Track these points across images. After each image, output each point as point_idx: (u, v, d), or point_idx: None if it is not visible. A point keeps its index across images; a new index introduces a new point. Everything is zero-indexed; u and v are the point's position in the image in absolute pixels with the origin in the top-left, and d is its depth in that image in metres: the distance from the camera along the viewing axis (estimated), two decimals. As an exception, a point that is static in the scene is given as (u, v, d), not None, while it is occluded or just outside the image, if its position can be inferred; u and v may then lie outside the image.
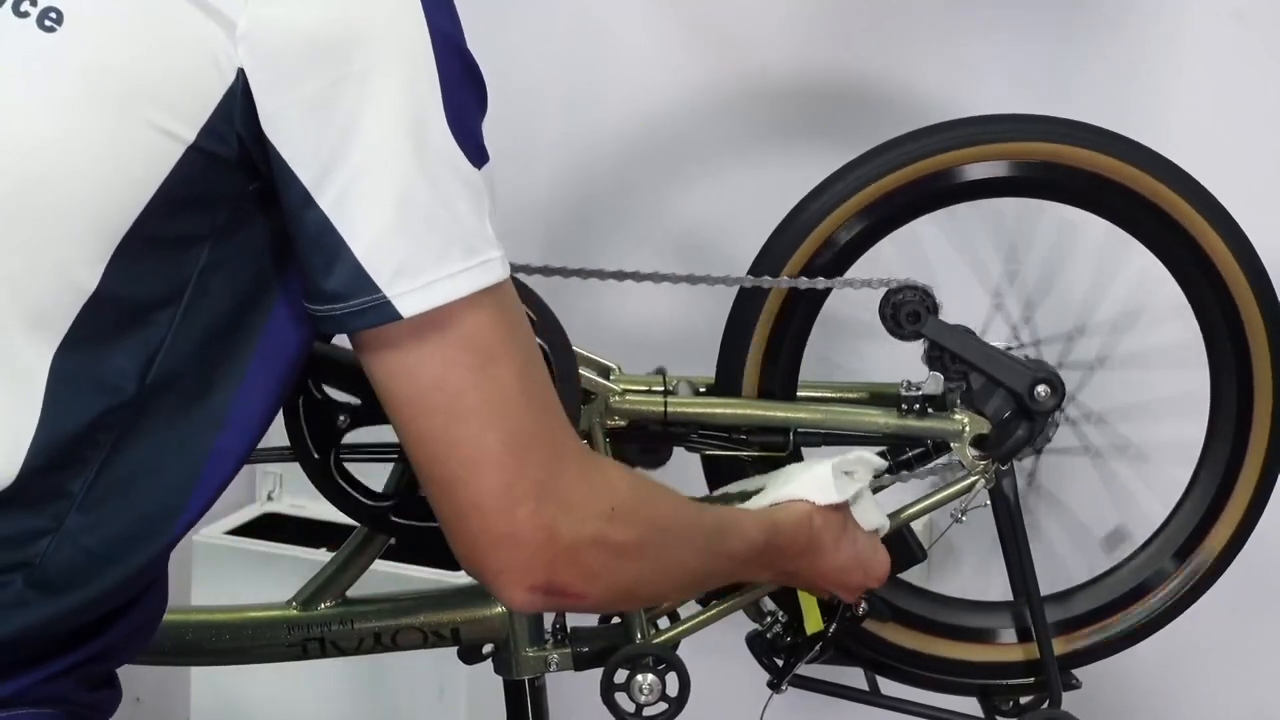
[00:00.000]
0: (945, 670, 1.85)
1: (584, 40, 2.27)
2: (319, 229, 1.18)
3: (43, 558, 1.21)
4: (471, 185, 1.21)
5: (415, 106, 1.18)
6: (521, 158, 2.28)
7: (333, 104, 1.17)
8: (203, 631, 1.71)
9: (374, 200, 1.18)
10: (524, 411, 1.24)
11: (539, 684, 1.77)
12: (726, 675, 1.87)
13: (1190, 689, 2.37)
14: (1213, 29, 2.19)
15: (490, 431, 1.23)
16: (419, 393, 1.22)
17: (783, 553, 1.53)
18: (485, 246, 1.21)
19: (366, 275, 1.19)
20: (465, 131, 1.21)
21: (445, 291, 1.19)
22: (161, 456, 1.24)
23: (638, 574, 1.35)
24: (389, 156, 1.18)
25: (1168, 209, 1.76)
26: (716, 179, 2.28)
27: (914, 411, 1.75)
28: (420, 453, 1.25)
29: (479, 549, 1.27)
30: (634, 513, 1.33)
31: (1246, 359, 1.80)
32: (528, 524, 1.25)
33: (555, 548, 1.26)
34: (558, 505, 1.26)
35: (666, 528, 1.38)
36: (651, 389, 1.74)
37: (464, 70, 1.22)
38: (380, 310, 1.19)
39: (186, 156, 1.18)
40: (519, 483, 1.24)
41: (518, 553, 1.26)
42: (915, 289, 1.76)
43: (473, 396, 1.22)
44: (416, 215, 1.18)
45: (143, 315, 1.20)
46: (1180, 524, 1.86)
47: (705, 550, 1.44)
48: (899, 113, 2.13)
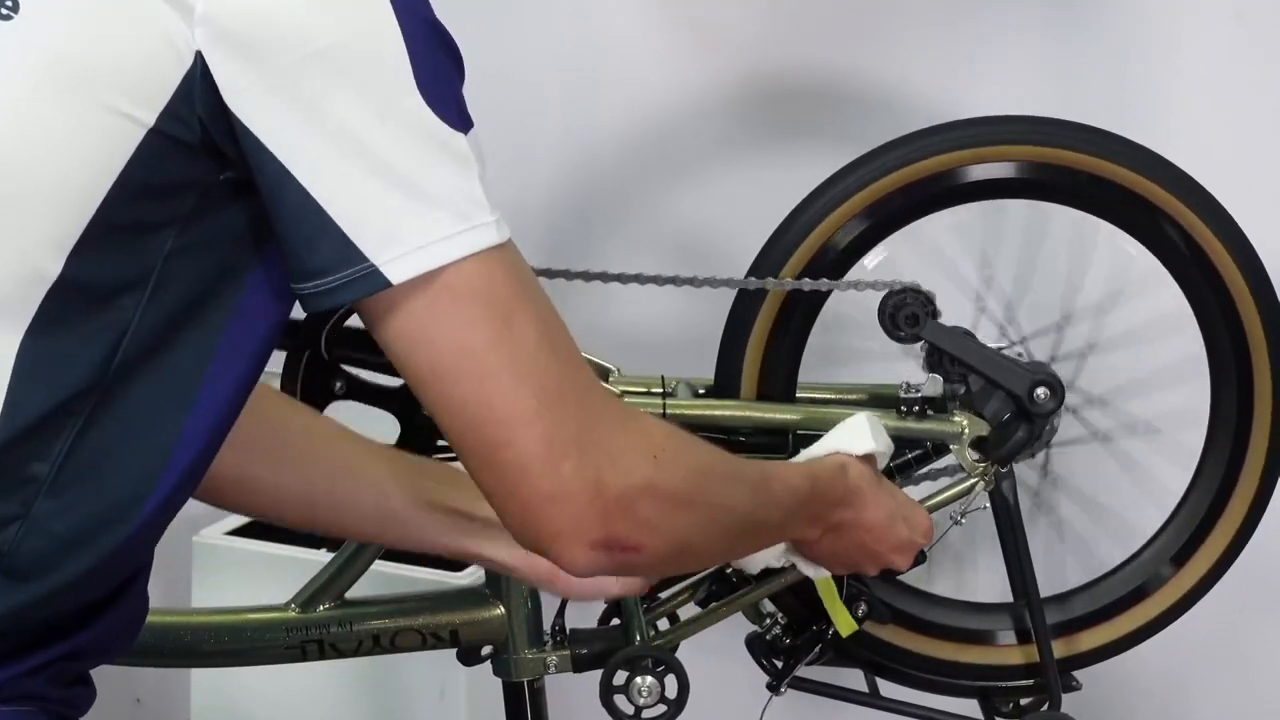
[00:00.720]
0: (945, 672, 1.85)
1: (583, 41, 2.26)
2: (299, 205, 1.17)
3: (11, 545, 1.20)
4: (454, 151, 1.20)
5: (384, 77, 1.18)
6: (521, 159, 2.28)
7: (300, 81, 1.16)
8: (202, 633, 1.72)
9: (353, 172, 1.17)
10: (551, 364, 1.22)
11: (538, 686, 1.77)
12: (726, 677, 1.88)
13: (1190, 690, 2.37)
14: (1213, 29, 2.19)
15: (522, 387, 1.21)
16: (442, 360, 1.21)
17: (825, 501, 1.51)
18: (476, 210, 1.20)
19: (353, 246, 1.17)
20: (441, 98, 1.20)
21: (438, 255, 1.18)
22: (129, 440, 1.23)
23: (692, 522, 1.32)
24: (363, 128, 1.17)
25: (1167, 210, 1.76)
26: (716, 180, 2.28)
27: (913, 413, 1.75)
28: (455, 423, 1.23)
29: (531, 513, 1.23)
30: (678, 458, 1.29)
31: (1246, 361, 1.80)
32: (575, 478, 1.22)
33: (606, 499, 1.23)
34: (601, 455, 1.23)
35: (712, 472, 1.35)
36: (650, 390, 1.74)
37: (433, 37, 1.21)
38: (370, 279, 1.18)
39: (147, 140, 1.17)
40: (558, 436, 1.21)
41: (570, 508, 1.23)
42: (914, 292, 1.76)
43: (497, 355, 1.20)
44: (396, 184, 1.17)
45: (109, 300, 1.20)
46: (1180, 526, 1.86)
47: (753, 497, 1.40)
48: (899, 114, 2.12)
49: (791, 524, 1.50)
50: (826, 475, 1.52)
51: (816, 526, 1.53)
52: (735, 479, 1.39)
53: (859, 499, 1.54)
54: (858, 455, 1.57)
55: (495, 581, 1.73)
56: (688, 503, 1.30)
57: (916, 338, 1.76)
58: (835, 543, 1.55)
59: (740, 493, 1.39)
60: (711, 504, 1.34)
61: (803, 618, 1.77)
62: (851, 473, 1.55)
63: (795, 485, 1.47)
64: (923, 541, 1.60)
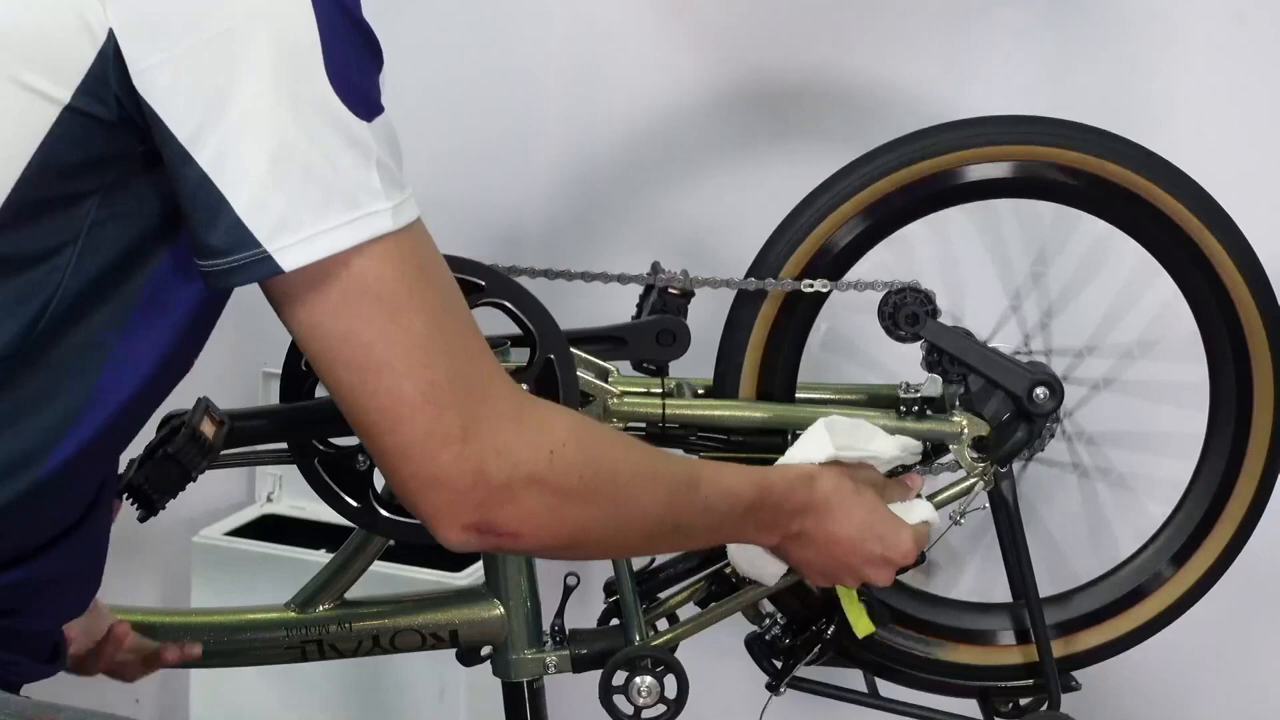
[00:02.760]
0: (944, 672, 1.84)
1: (583, 41, 2.26)
2: (198, 185, 1.19)
3: None
4: (356, 138, 1.21)
5: (291, 61, 1.19)
6: (521, 160, 2.28)
7: (206, 61, 1.17)
8: (201, 633, 1.71)
9: (251, 155, 1.18)
10: (440, 358, 1.25)
11: (537, 686, 1.77)
12: (725, 677, 1.87)
13: (1190, 690, 2.37)
14: (1213, 30, 2.19)
15: (405, 380, 1.24)
16: (330, 347, 1.24)
17: (780, 509, 1.52)
18: (370, 199, 1.21)
19: (247, 230, 1.19)
20: (349, 85, 1.21)
21: (328, 244, 1.20)
22: (40, 399, 1.25)
23: (585, 518, 1.35)
24: (265, 110, 1.18)
25: (1166, 211, 1.76)
26: (714, 181, 2.28)
27: (912, 414, 1.75)
28: (345, 406, 1.27)
29: (410, 492, 1.28)
30: (578, 456, 1.32)
31: (1246, 361, 1.80)
32: (453, 467, 1.26)
33: (486, 488, 1.27)
34: (486, 446, 1.27)
35: (617, 472, 1.37)
36: (650, 391, 1.74)
37: (347, 23, 1.22)
38: (262, 265, 1.20)
39: (63, 118, 1.19)
40: (438, 429, 1.25)
41: (446, 494, 1.27)
42: (914, 291, 1.76)
43: (383, 348, 1.23)
44: (295, 169, 1.19)
45: (33, 267, 1.21)
46: (1179, 526, 1.86)
47: (671, 501, 1.42)
48: (898, 114, 2.12)
49: (731, 528, 1.52)
50: (783, 484, 1.53)
51: (771, 533, 1.54)
52: (651, 478, 1.41)
53: (823, 510, 1.54)
54: (819, 462, 1.58)
55: (495, 581, 1.73)
56: (583, 499, 1.33)
57: (916, 337, 1.76)
58: (802, 552, 1.56)
59: (654, 492, 1.41)
60: (614, 500, 1.37)
61: (802, 618, 1.77)
62: (821, 484, 1.55)
63: (737, 491, 1.48)
64: (901, 561, 1.60)
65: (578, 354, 1.69)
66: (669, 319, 1.75)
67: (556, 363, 1.65)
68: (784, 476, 1.54)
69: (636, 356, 1.76)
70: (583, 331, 1.73)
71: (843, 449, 1.61)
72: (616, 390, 1.72)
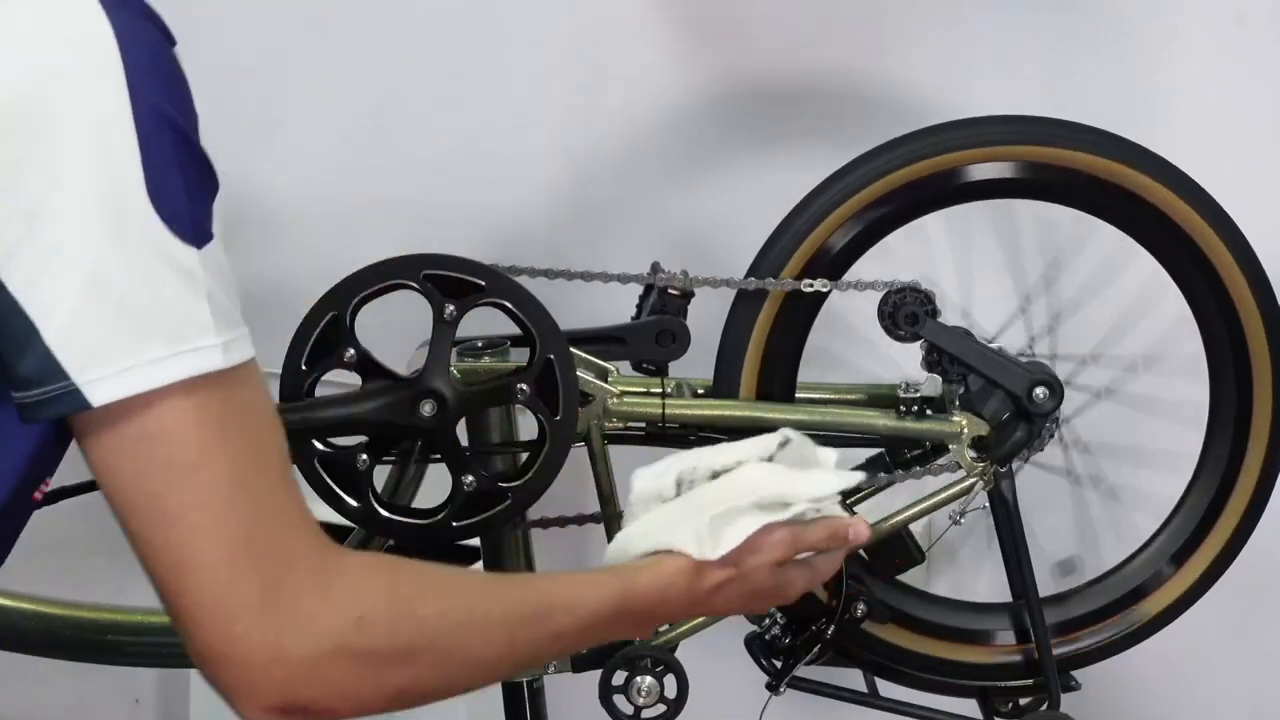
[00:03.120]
0: (944, 672, 1.85)
1: (583, 41, 2.26)
2: (8, 311, 1.12)
3: None
4: (181, 267, 1.13)
5: (109, 187, 1.12)
6: (521, 160, 2.28)
7: (18, 184, 1.11)
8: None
9: (64, 283, 1.11)
10: (239, 517, 1.15)
11: (537, 686, 1.77)
12: (725, 677, 1.87)
13: (1189, 690, 2.37)
14: (1213, 30, 2.19)
15: (199, 538, 1.14)
16: (122, 492, 1.15)
17: (649, 613, 1.38)
18: (195, 333, 1.13)
19: (56, 361, 1.12)
20: (175, 211, 1.13)
21: (140, 380, 1.12)
22: None
23: (404, 681, 1.22)
24: (79, 237, 1.11)
25: (1167, 211, 1.76)
26: (714, 181, 2.28)
27: (912, 413, 1.75)
28: (139, 555, 1.17)
29: (204, 664, 1.18)
30: (393, 619, 1.21)
31: (1245, 360, 1.80)
32: (245, 642, 1.15)
33: (286, 666, 1.16)
34: (283, 618, 1.16)
35: (441, 629, 1.24)
36: (649, 391, 1.74)
37: (177, 146, 1.15)
38: (70, 398, 1.12)
39: None
40: (231, 596, 1.15)
41: (241, 673, 1.16)
42: (914, 291, 1.76)
43: (175, 501, 1.14)
44: (110, 299, 1.11)
45: None
46: (1179, 526, 1.86)
47: (512, 640, 1.29)
48: (898, 114, 2.12)
49: (588, 640, 1.39)
50: (651, 585, 1.37)
51: (638, 630, 1.47)
52: (484, 624, 1.27)
53: (696, 600, 1.40)
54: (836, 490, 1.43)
55: (495, 581, 1.73)
56: (400, 662, 1.21)
57: (916, 337, 1.76)
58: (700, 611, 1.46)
59: (490, 637, 1.28)
60: (437, 657, 1.24)
61: (802, 618, 1.77)
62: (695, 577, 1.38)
63: (593, 609, 1.34)
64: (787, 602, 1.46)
65: (578, 354, 1.69)
66: (669, 319, 1.75)
67: (556, 363, 1.65)
68: (651, 579, 1.38)
69: (636, 357, 1.76)
70: (583, 331, 1.73)
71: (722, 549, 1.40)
72: (616, 390, 1.72)
